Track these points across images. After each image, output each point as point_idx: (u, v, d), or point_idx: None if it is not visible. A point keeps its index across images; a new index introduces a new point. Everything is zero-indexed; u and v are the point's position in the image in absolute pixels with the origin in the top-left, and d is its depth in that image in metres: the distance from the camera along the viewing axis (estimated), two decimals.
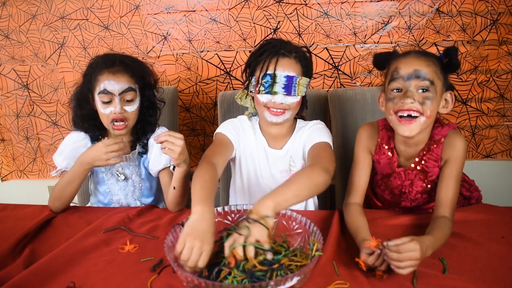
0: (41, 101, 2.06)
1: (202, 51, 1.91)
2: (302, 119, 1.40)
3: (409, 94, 1.02)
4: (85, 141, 1.33)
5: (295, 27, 1.84)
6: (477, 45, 1.80)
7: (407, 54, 1.09)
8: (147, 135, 1.37)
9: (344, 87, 1.90)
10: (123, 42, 1.93)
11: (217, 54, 1.91)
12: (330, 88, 1.90)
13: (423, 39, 1.81)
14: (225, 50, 1.90)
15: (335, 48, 1.86)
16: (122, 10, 1.89)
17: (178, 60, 1.94)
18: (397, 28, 1.81)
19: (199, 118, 2.02)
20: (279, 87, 1.20)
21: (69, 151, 1.30)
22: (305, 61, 1.26)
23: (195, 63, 1.93)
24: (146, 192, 1.41)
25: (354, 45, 1.84)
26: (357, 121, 1.60)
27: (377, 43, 1.83)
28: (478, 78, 1.84)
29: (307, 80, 1.26)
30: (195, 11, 1.86)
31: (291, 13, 1.83)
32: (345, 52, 1.85)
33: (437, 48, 1.81)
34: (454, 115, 1.91)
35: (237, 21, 1.85)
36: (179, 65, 1.94)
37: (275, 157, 1.34)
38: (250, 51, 1.32)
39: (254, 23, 1.85)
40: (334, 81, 1.90)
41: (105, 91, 1.22)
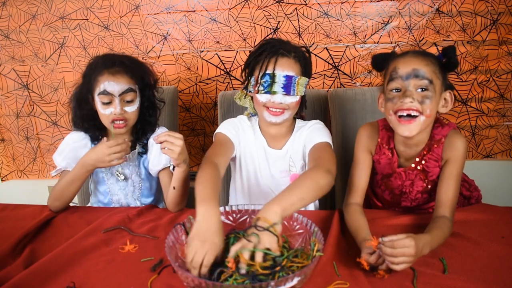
0: (41, 101, 2.06)
1: (202, 51, 1.91)
2: (301, 119, 1.40)
3: (408, 93, 1.02)
4: (85, 141, 1.34)
5: (295, 27, 1.84)
6: (477, 45, 1.80)
7: (405, 54, 1.09)
8: (147, 135, 1.37)
9: (344, 87, 1.90)
10: (123, 42, 1.93)
11: (217, 54, 1.91)
12: (330, 88, 1.90)
13: (423, 39, 1.81)
14: (225, 50, 1.90)
15: (335, 48, 1.85)
16: (122, 10, 1.89)
17: (178, 60, 1.94)
18: (397, 28, 1.81)
19: (199, 118, 2.02)
20: (278, 87, 1.20)
21: (69, 151, 1.31)
22: (304, 61, 1.26)
23: (195, 63, 1.93)
24: (146, 192, 1.42)
25: (354, 45, 1.84)
26: (357, 121, 1.60)
27: (377, 43, 1.83)
28: (478, 78, 1.84)
29: (306, 80, 1.26)
30: (195, 11, 1.86)
31: (291, 13, 1.83)
32: (345, 52, 1.85)
33: (437, 48, 1.80)
34: (454, 115, 1.91)
35: (237, 21, 1.85)
36: (179, 65, 1.94)
37: (274, 157, 1.34)
38: (250, 51, 1.31)
39: (254, 23, 1.85)
40: (334, 81, 1.90)
41: (105, 92, 1.22)
